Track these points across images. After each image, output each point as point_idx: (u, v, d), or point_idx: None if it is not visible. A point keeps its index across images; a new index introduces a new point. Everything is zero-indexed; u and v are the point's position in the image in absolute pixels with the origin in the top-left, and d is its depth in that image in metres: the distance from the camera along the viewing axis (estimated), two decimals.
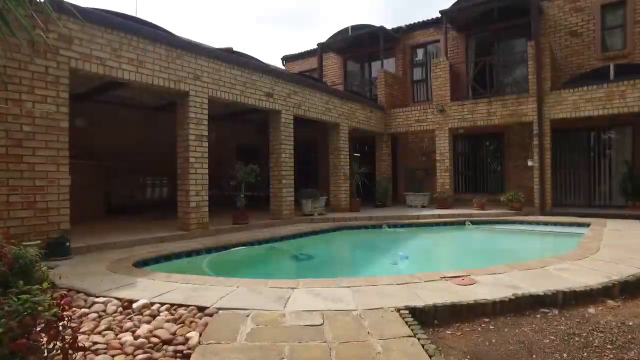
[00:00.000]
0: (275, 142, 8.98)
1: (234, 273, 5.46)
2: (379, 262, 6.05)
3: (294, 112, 9.22)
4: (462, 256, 6.62)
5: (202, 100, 7.14)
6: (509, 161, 12.50)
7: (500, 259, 6.35)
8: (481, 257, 6.46)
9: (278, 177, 8.92)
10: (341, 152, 10.88)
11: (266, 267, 5.67)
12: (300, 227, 8.46)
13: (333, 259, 6.51)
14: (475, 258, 6.41)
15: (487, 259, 6.35)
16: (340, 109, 10.89)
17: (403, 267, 5.47)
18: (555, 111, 10.15)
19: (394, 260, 5.61)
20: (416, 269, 5.58)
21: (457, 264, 5.86)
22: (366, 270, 5.50)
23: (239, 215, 7.97)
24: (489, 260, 6.17)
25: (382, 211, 11.10)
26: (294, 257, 6.14)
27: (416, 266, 5.82)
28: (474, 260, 6.25)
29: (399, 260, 5.61)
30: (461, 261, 6.18)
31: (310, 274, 5.41)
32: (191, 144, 6.93)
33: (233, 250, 6.33)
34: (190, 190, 6.90)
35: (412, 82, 14.60)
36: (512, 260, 6.15)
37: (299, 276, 5.44)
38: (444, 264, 6.02)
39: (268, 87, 8.54)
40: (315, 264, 5.95)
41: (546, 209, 10.21)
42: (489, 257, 6.51)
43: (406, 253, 5.68)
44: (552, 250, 6.99)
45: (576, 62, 11.51)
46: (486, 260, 6.23)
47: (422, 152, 13.97)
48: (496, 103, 11.01)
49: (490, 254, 6.74)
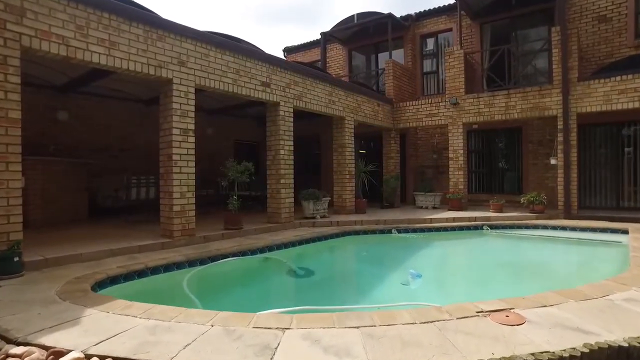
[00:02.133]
0: (272, 137, 8.09)
1: (217, 295, 4.61)
2: (390, 280, 5.15)
3: (293, 104, 8.33)
4: (488, 272, 5.69)
5: (188, 89, 6.26)
6: (527, 159, 11.55)
7: (536, 276, 5.46)
8: (512, 274, 5.54)
9: (276, 176, 8.04)
10: (346, 148, 9.99)
11: (257, 286, 4.80)
12: (300, 232, 7.59)
13: (336, 276, 5.62)
14: (505, 275, 5.49)
15: (520, 276, 5.43)
16: (345, 101, 9.97)
17: (416, 287, 4.59)
18: (582, 104, 9.18)
19: (404, 280, 4.70)
20: (434, 291, 4.71)
21: (485, 285, 4.96)
22: (375, 292, 4.61)
23: (231, 219, 7.11)
24: (522, 278, 5.28)
25: (390, 213, 10.21)
26: (292, 272, 5.27)
27: (434, 286, 4.92)
28: (504, 278, 5.34)
29: (411, 280, 4.71)
30: (489, 280, 5.27)
31: (309, 297, 4.55)
32: (175, 140, 6.06)
33: (221, 262, 5.46)
34: (174, 192, 6.04)
35: (422, 74, 13.65)
36: (551, 278, 5.28)
37: (296, 299, 4.58)
38: (470, 284, 5.09)
39: (265, 76, 7.65)
40: (316, 282, 5.08)
41: (572, 211, 9.28)
42: (521, 273, 5.59)
43: (418, 271, 4.77)
44: (595, 264, 6.05)
45: (604, 51, 10.52)
46: (519, 277, 5.33)
47: (432, 149, 13.05)
48: (516, 95, 10.05)
49: (521, 269, 5.82)
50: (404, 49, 13.70)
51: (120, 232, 6.74)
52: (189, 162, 6.25)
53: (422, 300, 4.29)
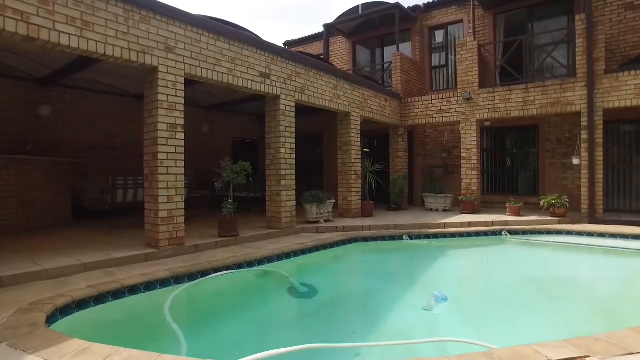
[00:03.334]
0: (272, 134, 7.35)
1: (205, 322, 3.87)
2: (407, 302, 4.40)
3: (295, 98, 7.58)
4: (517, 290, 4.87)
5: (177, 78, 5.51)
6: (544, 159, 10.81)
7: (575, 296, 4.71)
8: (546, 293, 4.75)
9: (276, 176, 7.30)
10: (352, 147, 9.24)
11: (253, 310, 4.06)
12: (302, 239, 6.86)
13: (343, 295, 4.84)
14: (538, 294, 4.70)
15: (556, 295, 4.65)
16: (351, 95, 9.22)
17: (439, 312, 3.85)
18: (610, 98, 8.43)
19: (426, 304, 3.95)
20: (462, 318, 3.95)
21: (519, 309, 4.19)
22: (391, 319, 3.83)
23: (226, 225, 6.37)
24: (559, 299, 4.52)
25: (399, 216, 9.47)
26: (293, 290, 4.53)
27: (459, 310, 4.17)
28: (538, 298, 4.57)
29: (434, 303, 3.97)
30: (521, 301, 4.46)
31: (312, 325, 3.81)
32: (161, 136, 5.31)
33: (212, 277, 4.73)
34: (160, 196, 5.29)
35: (431, 69, 12.89)
36: (593, 298, 4.43)
37: (296, 328, 3.83)
38: (500, 307, 4.28)
39: (264, 66, 6.90)
40: (320, 303, 4.32)
41: (596, 215, 8.54)
42: (556, 291, 4.81)
43: (443, 293, 4.03)
44: (638, 280, 5.27)
45: (631, 42, 9.75)
46: (555, 297, 4.56)
47: (441, 148, 12.30)
48: (535, 90, 9.30)
49: (554, 286, 5.04)
50: (412, 42, 12.95)
51: (102, 240, 6.01)
52: (178, 161, 5.51)
53: (449, 331, 3.56)
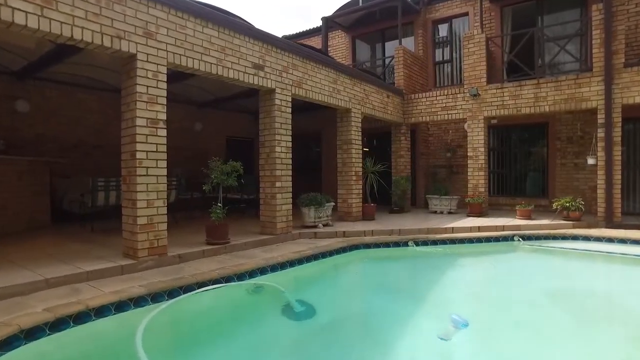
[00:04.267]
0: (266, 132, 6.76)
1: (181, 356, 3.28)
2: (420, 326, 3.78)
3: (292, 92, 6.99)
4: (543, 311, 4.21)
5: (158, 68, 4.91)
6: (554, 158, 10.26)
7: (609, 317, 4.11)
8: (575, 313, 4.11)
9: (271, 177, 6.71)
10: (352, 145, 8.65)
11: (240, 338, 3.46)
12: (299, 246, 6.27)
13: (344, 317, 4.20)
14: (568, 315, 4.08)
15: (587, 317, 4.02)
16: (352, 90, 8.63)
17: (458, 340, 3.27)
18: (630, 94, 7.86)
19: (443, 332, 3.35)
20: (485, 350, 3.36)
21: (551, 338, 3.57)
22: (402, 352, 3.24)
23: (214, 231, 5.77)
24: (593, 322, 3.92)
25: (402, 219, 8.89)
26: (288, 310, 3.93)
27: (479, 338, 3.57)
28: (569, 320, 3.94)
29: (453, 329, 3.38)
30: (551, 325, 3.84)
31: (308, 353, 3.22)
32: (139, 132, 4.71)
33: (196, 294, 4.14)
34: (138, 200, 4.69)
35: (434, 64, 12.32)
36: (633, 320, 3.93)
37: None
38: (529, 335, 3.61)
39: (257, 57, 6.31)
40: (318, 327, 3.71)
41: (614, 219, 7.99)
42: (586, 311, 4.18)
43: (463, 318, 3.44)
44: None
45: None
46: (587, 319, 3.95)
47: (445, 147, 11.74)
48: (547, 85, 8.74)
49: (583, 304, 4.42)
50: (414, 36, 12.37)
51: (76, 248, 5.40)
52: (159, 161, 4.91)
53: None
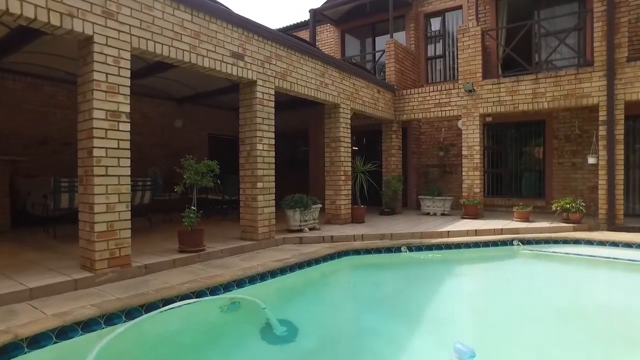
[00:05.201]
0: (247, 128, 6.18)
1: None
2: (417, 352, 3.26)
3: (275, 85, 6.42)
4: (565, 334, 3.69)
5: (120, 53, 4.30)
6: (551, 158, 9.87)
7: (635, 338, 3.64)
8: (593, 334, 3.62)
9: (251, 178, 6.14)
10: (341, 143, 8.12)
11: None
12: (282, 253, 5.71)
13: (331, 339, 3.60)
14: (585, 335, 3.59)
15: (608, 338, 3.56)
16: (341, 84, 8.09)
17: None
18: (633, 90, 7.46)
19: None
20: None
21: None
22: None
23: (187, 238, 5.18)
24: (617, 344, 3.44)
25: (394, 222, 8.39)
26: (267, 331, 3.37)
27: None
28: (587, 342, 3.46)
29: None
30: (568, 350, 3.39)
31: None
32: (97, 127, 4.10)
33: (160, 313, 3.56)
34: (96, 204, 4.08)
35: (426, 59, 11.85)
36: None
37: None
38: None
39: (236, 45, 5.72)
40: (301, 353, 3.17)
41: (616, 222, 7.59)
42: (606, 331, 3.71)
43: (468, 347, 2.91)
44: None
45: None
46: (608, 341, 3.48)
47: (438, 145, 11.28)
48: (546, 81, 8.31)
49: (599, 322, 3.91)
50: (406, 30, 11.88)
51: (30, 258, 4.76)
52: (122, 159, 4.31)
53: None
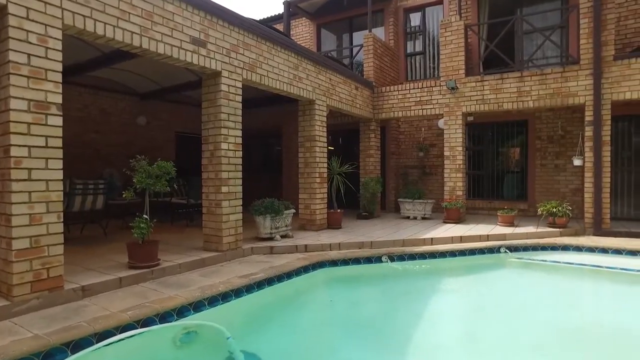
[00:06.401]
0: (210, 125, 5.47)
1: None
2: None
3: (243, 77, 5.74)
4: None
5: (48, 30, 3.53)
6: (534, 159, 9.55)
7: None
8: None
9: (215, 181, 5.43)
10: (316, 143, 7.50)
11: None
12: (250, 266, 5.04)
13: None
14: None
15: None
16: (316, 79, 7.47)
17: None
18: (620, 89, 7.16)
19: None
20: None
21: None
22: None
23: (138, 251, 4.45)
24: None
25: (372, 227, 7.84)
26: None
27: None
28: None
29: None
30: None
31: None
32: (17, 120, 3.33)
33: (94, 351, 2.85)
34: (15, 216, 3.32)
35: (406, 56, 11.38)
36: None
37: None
38: None
39: (197, 29, 5.01)
40: None
41: (603, 226, 7.28)
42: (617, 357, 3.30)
43: None
44: None
45: (632, 27, 8.62)
46: None
47: (418, 146, 10.82)
48: (531, 79, 7.94)
49: (607, 347, 3.53)
50: (385, 25, 11.38)
51: None
52: (51, 160, 3.54)
53: None
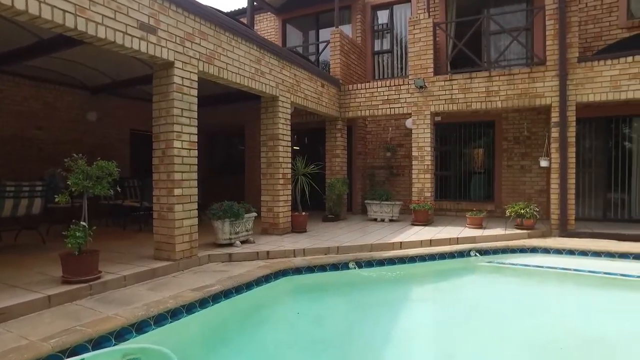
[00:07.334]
0: (162, 121, 4.95)
1: None
2: None
3: (199, 69, 5.24)
4: None
5: None
6: (501, 160, 9.54)
7: None
8: None
9: (167, 183, 4.91)
10: (280, 142, 7.08)
11: None
12: (205, 277, 4.56)
13: None
14: None
15: None
16: (280, 74, 7.05)
17: None
18: (584, 91, 7.18)
19: None
20: None
21: None
22: None
23: (73, 264, 3.88)
24: None
25: (339, 230, 7.50)
26: None
27: None
28: None
29: None
30: None
31: None
32: None
33: None
34: None
35: (373, 54, 11.15)
36: None
37: None
38: None
39: (146, 14, 4.48)
40: None
41: (568, 227, 7.28)
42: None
43: None
44: None
45: (592, 32, 8.76)
46: None
47: (385, 146, 10.60)
48: (499, 79, 7.85)
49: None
50: (352, 22, 11.09)
51: None
52: None
53: None
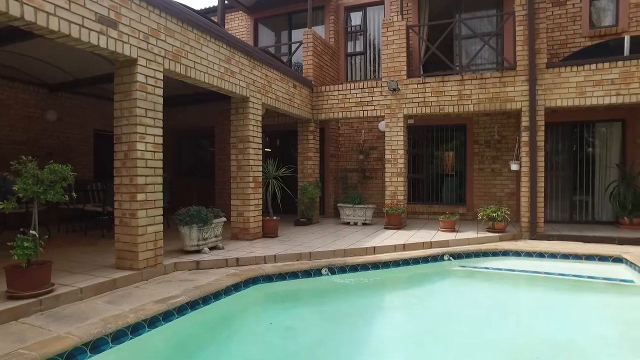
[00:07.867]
0: (124, 121, 4.63)
1: None
2: None
3: (165, 67, 4.96)
4: None
5: None
6: (472, 163, 9.64)
7: None
8: None
9: (130, 187, 4.60)
10: (251, 144, 6.85)
11: None
12: (170, 288, 4.29)
13: None
14: None
15: None
16: (251, 74, 6.82)
17: None
18: (552, 96, 7.31)
19: None
20: None
21: None
22: None
23: (21, 277, 3.53)
24: None
25: (311, 234, 7.34)
26: None
27: None
28: None
29: None
30: None
31: None
32: None
33: None
34: None
35: (346, 56, 11.07)
36: None
37: None
38: None
39: (105, 6, 4.18)
40: None
41: (538, 230, 7.39)
42: None
43: None
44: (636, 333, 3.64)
45: (558, 39, 8.99)
46: None
47: (358, 148, 10.54)
48: (471, 82, 7.91)
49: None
50: (325, 23, 10.98)
51: None
52: None
53: None
